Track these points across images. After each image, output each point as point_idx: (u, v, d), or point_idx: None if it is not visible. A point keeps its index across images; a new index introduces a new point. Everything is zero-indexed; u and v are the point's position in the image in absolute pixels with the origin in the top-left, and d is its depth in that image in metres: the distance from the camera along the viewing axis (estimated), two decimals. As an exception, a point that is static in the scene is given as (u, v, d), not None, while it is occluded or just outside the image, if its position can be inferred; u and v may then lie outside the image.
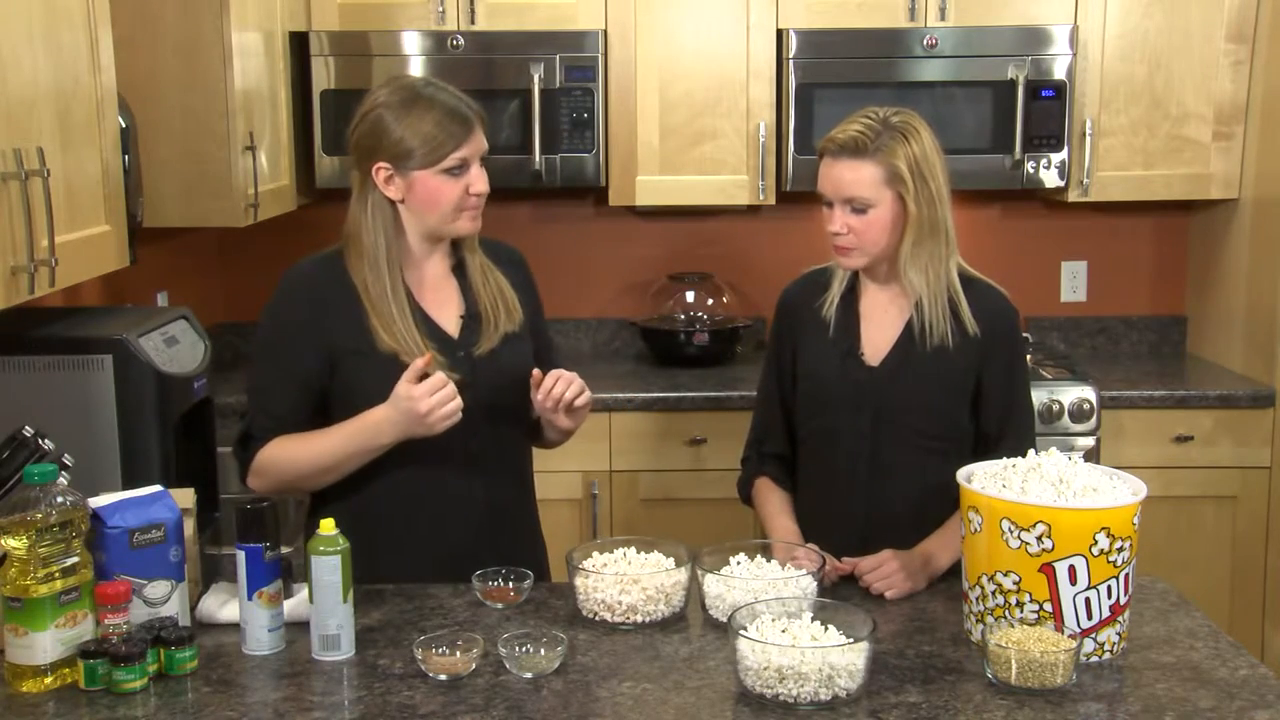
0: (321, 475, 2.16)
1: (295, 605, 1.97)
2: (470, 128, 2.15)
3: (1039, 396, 3.42)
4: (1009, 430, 2.28)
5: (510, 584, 2.10)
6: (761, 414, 2.47)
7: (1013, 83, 3.68)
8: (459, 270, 2.25)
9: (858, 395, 2.27)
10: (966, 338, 2.25)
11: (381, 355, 2.14)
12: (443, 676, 1.81)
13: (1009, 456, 2.04)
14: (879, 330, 2.30)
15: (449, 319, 2.22)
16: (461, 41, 3.68)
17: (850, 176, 2.21)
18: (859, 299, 2.34)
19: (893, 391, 2.26)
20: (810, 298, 2.36)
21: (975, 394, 2.29)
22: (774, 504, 2.38)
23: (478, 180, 2.17)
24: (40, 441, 2.01)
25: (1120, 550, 1.84)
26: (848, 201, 2.22)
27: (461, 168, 2.15)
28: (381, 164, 2.13)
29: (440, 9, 3.69)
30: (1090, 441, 3.54)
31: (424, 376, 2.05)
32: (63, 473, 1.89)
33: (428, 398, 2.03)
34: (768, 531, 2.36)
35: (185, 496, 2.07)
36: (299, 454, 2.15)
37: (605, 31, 3.72)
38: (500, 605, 2.07)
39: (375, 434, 2.10)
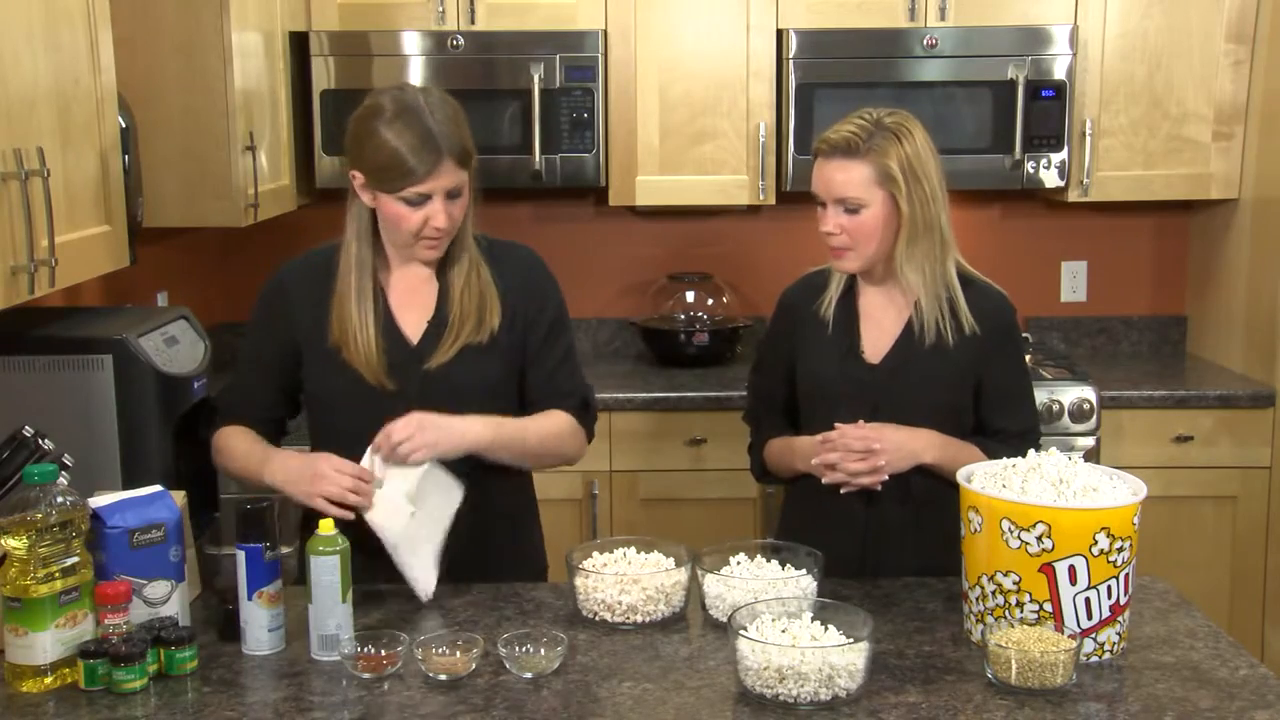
0: (239, 477, 2.24)
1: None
2: (437, 162, 2.06)
3: (1039, 397, 3.41)
4: (1012, 427, 2.31)
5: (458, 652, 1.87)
6: (759, 408, 2.50)
7: (1013, 83, 3.68)
8: (441, 271, 2.22)
9: (859, 394, 2.28)
10: (966, 336, 2.26)
11: (329, 350, 2.16)
12: (443, 676, 1.81)
13: (1014, 453, 2.05)
14: (879, 329, 2.31)
15: (414, 323, 2.20)
16: (461, 41, 3.68)
17: (842, 177, 2.22)
18: (857, 298, 2.35)
19: (893, 390, 2.27)
20: (809, 299, 2.37)
21: (977, 392, 2.30)
22: (789, 438, 2.39)
23: (437, 216, 2.10)
24: (40, 441, 2.01)
25: (1120, 550, 1.84)
26: (840, 202, 2.23)
27: (421, 200, 2.09)
28: (356, 172, 2.13)
29: (440, 9, 3.69)
30: (1090, 441, 3.54)
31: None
32: (63, 473, 1.89)
33: (335, 473, 2.03)
34: (794, 455, 2.35)
35: (175, 498, 2.06)
36: (231, 449, 2.23)
37: (605, 31, 3.72)
38: (444, 677, 1.83)
39: (262, 462, 2.15)
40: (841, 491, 2.23)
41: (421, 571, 2.08)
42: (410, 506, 2.05)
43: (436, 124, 2.07)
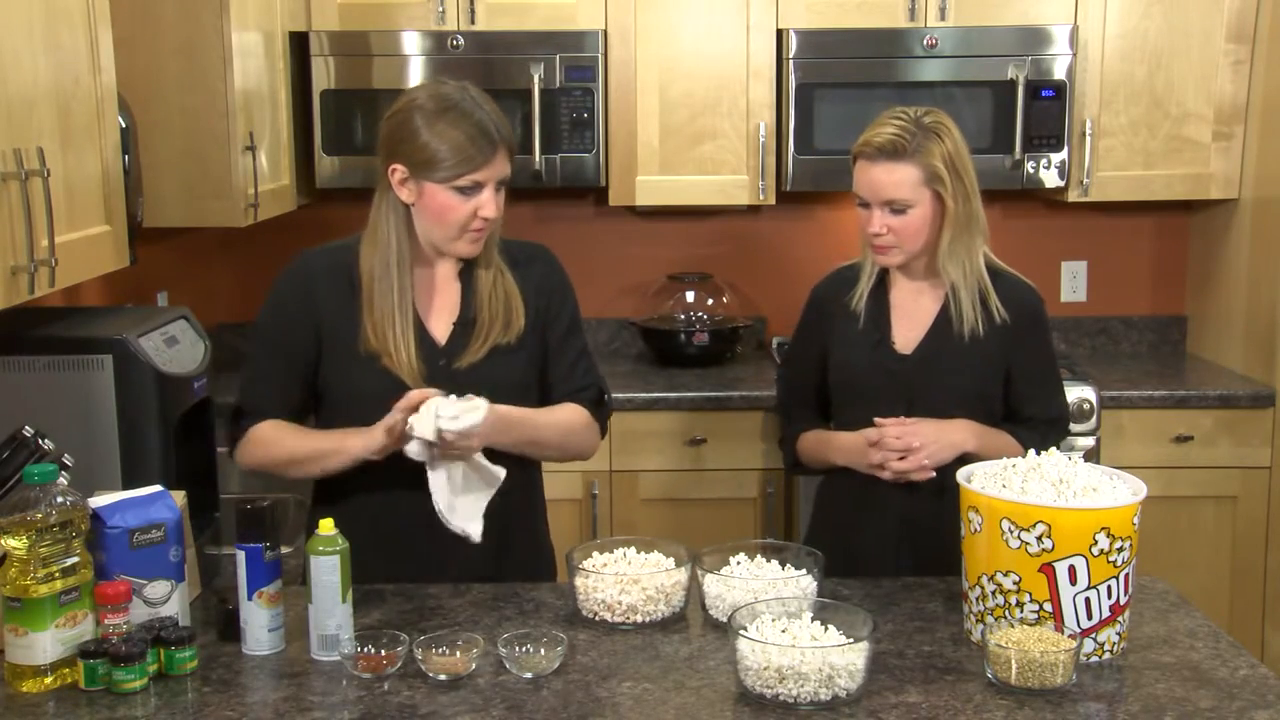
0: (293, 465, 2.19)
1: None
2: (493, 151, 2.10)
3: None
4: (1043, 414, 2.37)
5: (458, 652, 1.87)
6: (789, 400, 2.55)
7: (1013, 83, 3.68)
8: (466, 272, 2.23)
9: (891, 384, 2.33)
10: (996, 325, 2.32)
11: (363, 355, 2.15)
12: (443, 676, 1.81)
13: (1043, 439, 2.14)
14: (910, 320, 2.36)
15: (441, 324, 2.21)
16: (461, 41, 3.68)
17: (889, 179, 2.25)
18: (889, 291, 2.39)
19: (926, 379, 2.32)
20: (840, 292, 2.42)
21: (1006, 380, 2.35)
22: (825, 432, 2.43)
23: (487, 205, 2.12)
24: (40, 441, 2.01)
25: (1120, 550, 1.84)
26: (887, 203, 2.26)
27: (474, 189, 2.11)
28: (398, 165, 2.12)
29: (440, 9, 3.69)
30: (1090, 441, 3.54)
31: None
32: (63, 473, 1.89)
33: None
34: (831, 449, 2.39)
35: (175, 498, 2.06)
36: (282, 441, 2.19)
37: (605, 31, 3.72)
38: (444, 677, 1.82)
39: (344, 433, 2.12)
40: (891, 483, 2.29)
41: (465, 520, 2.10)
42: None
43: (487, 115, 2.11)
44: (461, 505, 2.09)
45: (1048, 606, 1.85)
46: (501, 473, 2.10)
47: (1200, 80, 3.75)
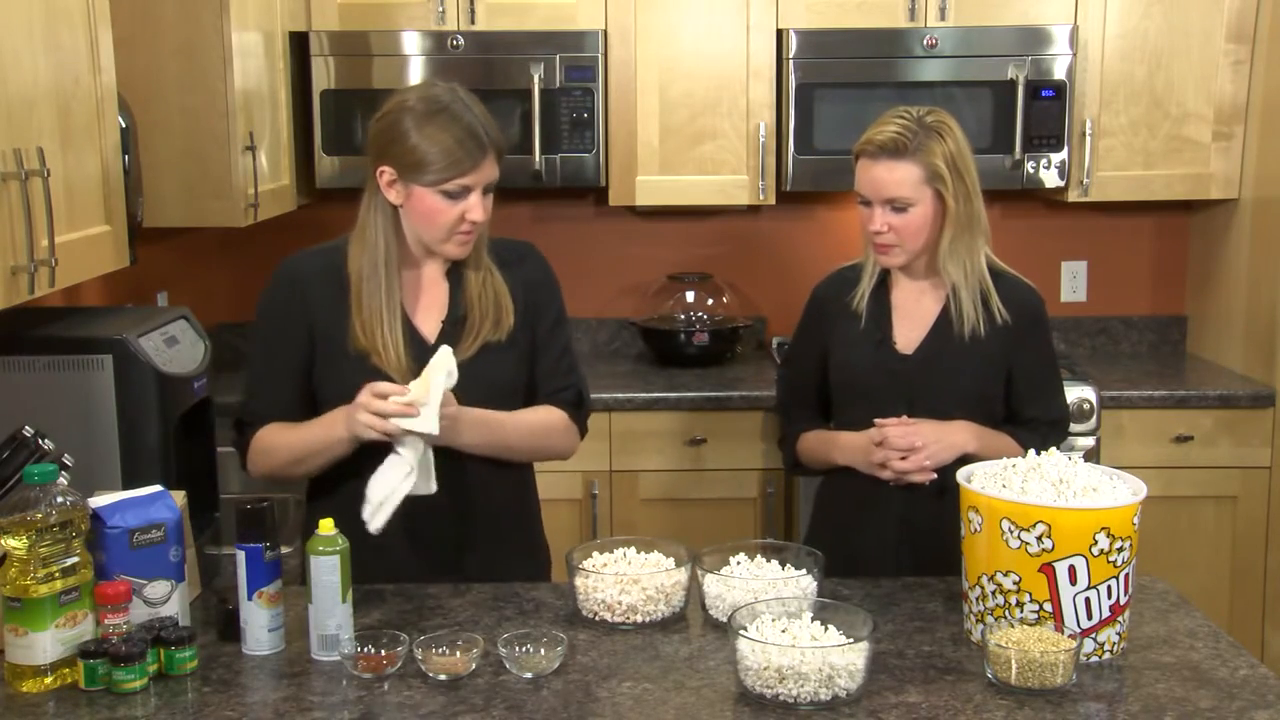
0: (297, 465, 2.19)
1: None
2: (482, 156, 2.10)
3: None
4: (1044, 416, 2.38)
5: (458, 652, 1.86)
6: (789, 400, 2.55)
7: (1013, 83, 3.68)
8: (454, 271, 2.23)
9: (892, 384, 2.33)
10: (997, 326, 2.32)
11: (353, 354, 2.15)
12: (443, 676, 1.81)
13: (1043, 441, 2.14)
14: (912, 320, 2.36)
15: (430, 323, 2.21)
16: (461, 41, 3.68)
17: (891, 177, 2.26)
18: (890, 291, 2.39)
19: (927, 379, 2.32)
20: (841, 293, 2.42)
21: (1007, 381, 2.36)
22: (827, 432, 2.44)
23: (475, 209, 2.12)
24: (40, 441, 2.01)
25: (1120, 550, 1.84)
26: (888, 201, 2.27)
27: (462, 193, 2.11)
28: (386, 167, 2.12)
29: (440, 9, 3.69)
30: (1090, 441, 3.54)
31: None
32: (63, 473, 1.89)
33: (370, 397, 2.02)
34: (834, 449, 2.39)
35: (175, 498, 2.06)
36: (279, 443, 2.19)
37: (605, 31, 3.72)
38: (444, 677, 1.83)
39: (330, 423, 2.11)
40: (891, 484, 2.29)
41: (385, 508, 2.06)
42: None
43: (476, 118, 2.11)
44: (388, 495, 2.05)
45: (1048, 606, 1.85)
46: (434, 488, 2.08)
47: (1200, 80, 3.75)
